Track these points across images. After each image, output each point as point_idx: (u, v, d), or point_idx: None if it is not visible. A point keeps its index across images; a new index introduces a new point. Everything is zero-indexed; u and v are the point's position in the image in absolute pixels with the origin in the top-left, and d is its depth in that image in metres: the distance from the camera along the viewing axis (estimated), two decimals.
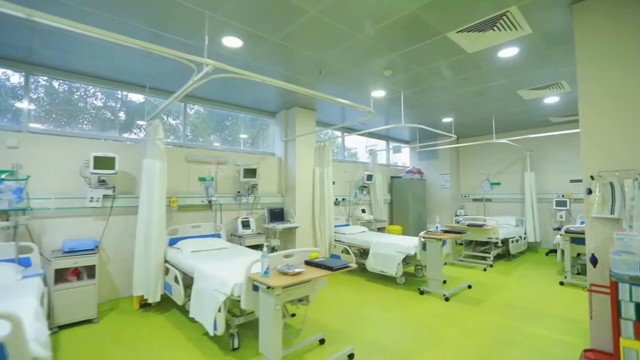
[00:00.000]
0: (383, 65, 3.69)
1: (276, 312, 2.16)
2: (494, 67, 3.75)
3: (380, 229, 6.65)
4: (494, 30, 2.89)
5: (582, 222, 6.04)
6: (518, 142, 6.90)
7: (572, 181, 6.63)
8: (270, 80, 2.64)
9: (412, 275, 4.95)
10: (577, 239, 4.52)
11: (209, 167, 4.65)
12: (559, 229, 6.46)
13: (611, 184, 2.24)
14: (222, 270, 2.79)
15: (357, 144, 7.85)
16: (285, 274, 2.33)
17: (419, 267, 4.85)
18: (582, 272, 4.95)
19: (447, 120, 6.27)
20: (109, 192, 3.69)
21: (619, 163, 2.24)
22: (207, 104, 5.00)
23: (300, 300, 2.72)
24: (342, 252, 5.19)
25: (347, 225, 6.13)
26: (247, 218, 4.77)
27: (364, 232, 5.73)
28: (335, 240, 5.48)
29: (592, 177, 2.34)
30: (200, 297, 2.80)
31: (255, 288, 2.39)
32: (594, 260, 2.26)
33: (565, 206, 6.45)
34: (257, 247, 4.63)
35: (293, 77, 4.00)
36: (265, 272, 2.27)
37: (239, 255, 3.51)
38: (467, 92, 4.64)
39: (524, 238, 6.52)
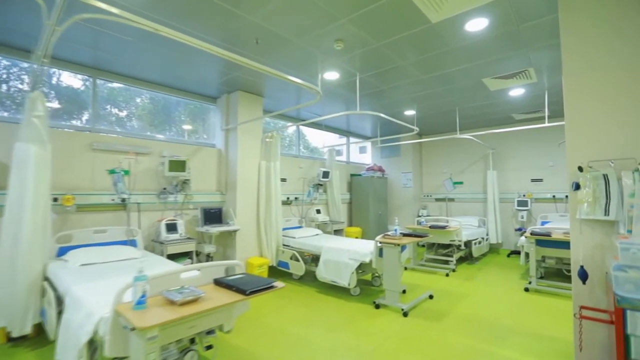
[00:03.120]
0: (333, 36, 3.06)
1: None
2: (460, 45, 3.25)
3: (337, 231, 6.05)
4: None
5: (542, 223, 5.84)
6: (481, 140, 6.62)
7: (532, 180, 6.46)
8: (167, 30, 1.90)
9: (369, 284, 4.37)
10: (543, 242, 4.20)
11: (124, 158, 3.76)
12: (520, 229, 6.25)
13: (605, 177, 1.75)
14: (97, 295, 1.99)
15: (322, 143, 7.16)
16: (172, 303, 1.60)
17: (377, 275, 4.29)
18: (546, 276, 4.67)
19: (409, 113, 5.80)
20: None
21: (615, 151, 1.75)
22: (134, 83, 4.11)
23: (209, 332, 2.01)
24: (291, 258, 4.51)
25: (300, 227, 5.45)
26: (174, 220, 3.94)
27: (317, 235, 5.09)
28: (284, 245, 4.78)
29: (580, 169, 1.84)
30: (67, 333, 1.99)
31: None
32: (584, 275, 1.76)
33: (527, 206, 6.24)
34: (185, 254, 3.84)
35: (227, 49, 3.26)
36: (139, 302, 1.53)
37: (148, 268, 2.70)
38: (430, 79, 4.15)
39: (486, 239, 6.22)
